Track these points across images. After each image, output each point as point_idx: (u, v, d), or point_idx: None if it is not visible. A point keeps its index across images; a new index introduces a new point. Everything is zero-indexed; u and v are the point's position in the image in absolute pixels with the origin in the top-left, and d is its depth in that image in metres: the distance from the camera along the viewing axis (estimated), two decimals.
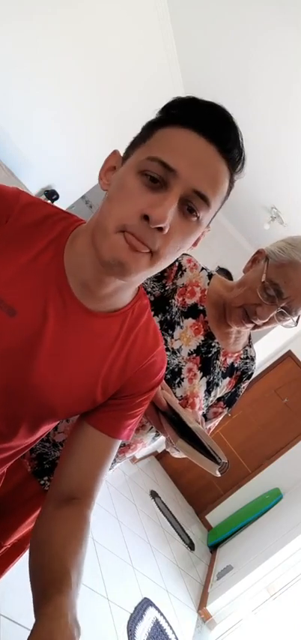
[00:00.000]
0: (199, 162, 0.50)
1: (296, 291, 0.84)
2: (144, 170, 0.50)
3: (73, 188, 3.44)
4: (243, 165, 0.54)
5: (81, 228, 0.61)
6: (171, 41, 2.82)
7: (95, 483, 0.63)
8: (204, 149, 0.50)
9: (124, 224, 0.50)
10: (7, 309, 0.54)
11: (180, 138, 0.50)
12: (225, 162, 0.51)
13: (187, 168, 0.49)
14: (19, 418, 0.60)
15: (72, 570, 0.49)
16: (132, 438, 0.96)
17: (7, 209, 0.57)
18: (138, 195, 0.50)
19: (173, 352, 0.94)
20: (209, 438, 0.73)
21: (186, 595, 3.25)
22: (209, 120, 0.50)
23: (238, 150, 0.52)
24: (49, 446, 0.89)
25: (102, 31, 2.53)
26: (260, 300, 0.86)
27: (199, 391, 0.95)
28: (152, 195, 0.50)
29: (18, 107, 2.62)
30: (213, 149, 0.50)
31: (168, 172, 0.49)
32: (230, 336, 0.99)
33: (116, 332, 0.63)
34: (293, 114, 2.65)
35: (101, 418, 0.65)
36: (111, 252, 0.51)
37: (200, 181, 0.50)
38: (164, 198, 0.49)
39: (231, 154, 0.51)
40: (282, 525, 3.67)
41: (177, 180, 0.49)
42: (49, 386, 0.59)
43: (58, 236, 0.59)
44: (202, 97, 0.54)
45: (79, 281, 0.58)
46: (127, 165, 0.53)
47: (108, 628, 2.04)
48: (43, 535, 0.56)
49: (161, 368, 0.69)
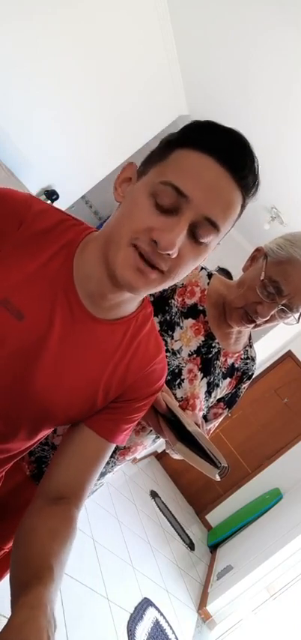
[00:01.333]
0: (213, 188, 0.50)
1: (296, 288, 0.83)
2: (157, 193, 0.51)
3: (73, 188, 3.44)
4: (257, 191, 0.55)
5: (91, 238, 0.62)
6: (171, 41, 2.81)
7: (85, 484, 0.63)
8: (218, 175, 0.50)
9: (136, 237, 0.51)
10: (15, 313, 0.55)
11: (195, 162, 0.50)
12: (239, 188, 0.52)
13: (200, 194, 0.50)
14: (19, 420, 0.60)
15: (54, 567, 0.49)
16: (133, 441, 0.96)
17: (20, 215, 0.58)
18: (148, 215, 0.51)
19: (173, 353, 0.93)
20: (208, 441, 0.73)
21: (186, 595, 3.25)
22: (225, 146, 0.50)
23: (253, 176, 0.53)
24: (47, 449, 0.89)
25: (102, 31, 2.52)
26: (260, 298, 0.85)
27: (200, 392, 0.94)
28: (163, 218, 0.51)
29: (18, 107, 2.62)
30: (228, 175, 0.50)
31: (180, 198, 0.50)
32: (230, 336, 0.98)
33: (119, 339, 0.63)
34: (293, 114, 2.65)
35: (98, 420, 0.65)
36: (122, 270, 0.52)
37: (212, 208, 0.51)
38: (174, 224, 0.50)
39: (246, 180, 0.52)
40: (282, 525, 3.67)
41: (188, 205, 0.50)
42: (52, 389, 0.59)
43: (69, 243, 0.60)
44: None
45: (86, 290, 0.59)
46: (142, 183, 0.54)
47: (108, 628, 2.04)
48: (28, 529, 0.56)
49: (161, 376, 0.70)
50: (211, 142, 0.50)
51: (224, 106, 3.07)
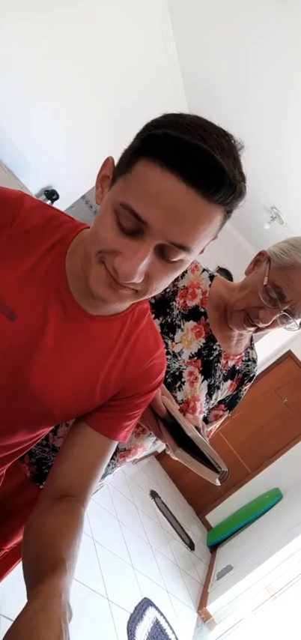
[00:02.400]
0: (176, 212, 0.45)
1: (298, 294, 0.82)
2: (119, 213, 0.48)
3: (73, 188, 3.44)
4: (240, 196, 0.49)
5: (83, 236, 0.61)
6: (171, 41, 2.81)
7: (90, 482, 0.63)
8: (183, 196, 0.44)
9: (103, 257, 0.50)
10: (8, 313, 0.55)
11: (157, 182, 0.45)
12: (213, 203, 0.46)
13: (160, 220, 0.46)
14: (17, 420, 0.60)
15: (67, 559, 0.49)
16: (133, 443, 0.96)
17: (12, 212, 0.57)
18: (112, 237, 0.49)
19: (174, 355, 0.93)
20: (208, 446, 0.73)
21: (186, 595, 3.25)
22: (189, 162, 0.44)
23: (228, 187, 0.45)
24: (48, 451, 0.88)
25: (102, 31, 2.52)
26: (262, 304, 0.84)
27: (200, 395, 0.94)
28: (127, 240, 0.48)
29: (18, 107, 2.62)
30: (194, 194, 0.44)
31: (140, 223, 0.47)
32: (232, 338, 0.97)
33: (116, 335, 0.63)
34: (293, 113, 2.65)
35: (99, 419, 0.65)
36: (95, 286, 0.52)
37: (175, 233, 0.46)
38: (136, 249, 0.47)
39: (219, 194, 0.45)
40: (282, 525, 3.67)
41: (149, 232, 0.47)
42: (48, 388, 0.59)
43: (60, 240, 0.60)
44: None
45: (79, 288, 0.59)
46: (109, 196, 0.51)
47: (108, 628, 2.04)
48: (38, 525, 0.56)
49: (160, 371, 0.69)
50: (174, 157, 0.44)
51: (224, 106, 3.07)
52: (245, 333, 0.95)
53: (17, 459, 0.72)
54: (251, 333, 1.01)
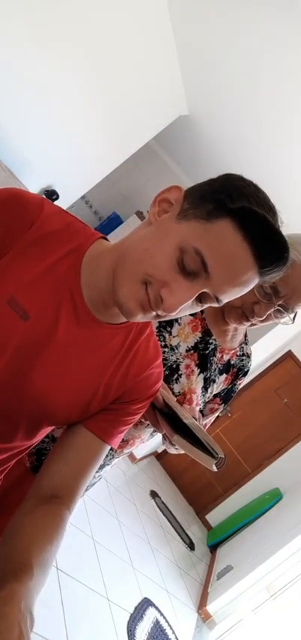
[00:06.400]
0: (237, 277, 0.52)
1: (292, 289, 0.84)
2: (186, 252, 0.52)
3: (73, 188, 3.44)
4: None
5: (104, 248, 0.62)
6: (171, 42, 2.82)
7: (79, 484, 0.64)
8: (248, 268, 0.51)
9: (150, 281, 0.53)
10: (21, 313, 0.56)
11: (235, 249, 0.51)
12: (259, 276, 0.53)
13: (222, 277, 0.52)
14: (18, 419, 0.61)
15: (35, 565, 0.49)
16: (130, 434, 0.98)
17: (32, 216, 0.59)
18: (169, 269, 0.52)
19: (171, 349, 0.95)
20: (205, 432, 0.74)
21: (186, 595, 3.25)
22: (267, 246, 0.51)
23: (278, 273, 0.54)
24: (48, 441, 0.90)
25: (102, 32, 2.53)
26: (257, 298, 0.87)
27: (196, 387, 0.96)
28: (180, 277, 0.52)
29: (18, 107, 2.62)
30: (256, 270, 0.52)
31: (203, 270, 0.51)
32: (227, 333, 1.00)
33: (121, 343, 0.65)
34: (292, 113, 2.65)
35: (95, 421, 0.66)
36: (126, 299, 0.54)
37: (226, 293, 0.53)
38: (186, 289, 0.52)
39: (268, 275, 0.54)
40: (282, 525, 3.67)
41: (206, 282, 0.52)
42: (53, 389, 0.60)
43: (77, 247, 0.61)
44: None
45: (91, 296, 0.60)
46: (178, 229, 0.54)
47: (108, 628, 2.04)
48: (15, 526, 0.56)
49: (158, 379, 0.71)
50: (255, 234, 0.50)
51: (224, 106, 3.07)
52: (240, 327, 0.98)
53: (14, 461, 0.72)
54: (245, 329, 1.04)
